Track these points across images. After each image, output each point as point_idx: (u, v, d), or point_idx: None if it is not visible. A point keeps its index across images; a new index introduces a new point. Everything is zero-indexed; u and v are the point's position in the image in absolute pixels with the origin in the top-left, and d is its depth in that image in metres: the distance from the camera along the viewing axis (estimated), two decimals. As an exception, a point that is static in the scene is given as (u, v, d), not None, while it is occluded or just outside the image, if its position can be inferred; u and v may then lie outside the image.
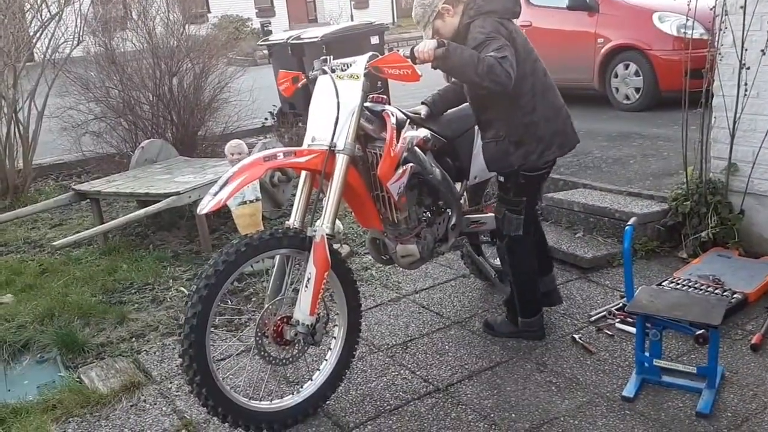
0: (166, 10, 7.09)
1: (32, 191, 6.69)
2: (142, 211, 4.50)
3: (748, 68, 3.75)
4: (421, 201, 3.21)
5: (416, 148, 3.03)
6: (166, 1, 7.14)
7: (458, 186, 3.41)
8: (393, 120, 2.93)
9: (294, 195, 5.74)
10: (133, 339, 3.64)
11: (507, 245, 3.16)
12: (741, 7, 3.70)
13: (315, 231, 2.66)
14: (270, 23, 24.35)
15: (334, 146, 2.74)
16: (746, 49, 3.74)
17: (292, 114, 7.82)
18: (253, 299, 3.98)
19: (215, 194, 2.52)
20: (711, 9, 3.93)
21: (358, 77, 2.80)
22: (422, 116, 3.25)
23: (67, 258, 4.82)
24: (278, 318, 2.70)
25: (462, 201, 3.47)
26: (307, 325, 2.65)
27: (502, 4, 2.94)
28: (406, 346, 3.30)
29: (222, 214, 5.36)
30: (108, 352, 3.51)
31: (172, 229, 5.28)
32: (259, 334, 2.67)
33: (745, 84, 3.77)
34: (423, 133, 3.11)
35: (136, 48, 6.93)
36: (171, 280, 4.35)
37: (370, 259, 4.37)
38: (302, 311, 2.65)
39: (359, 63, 2.83)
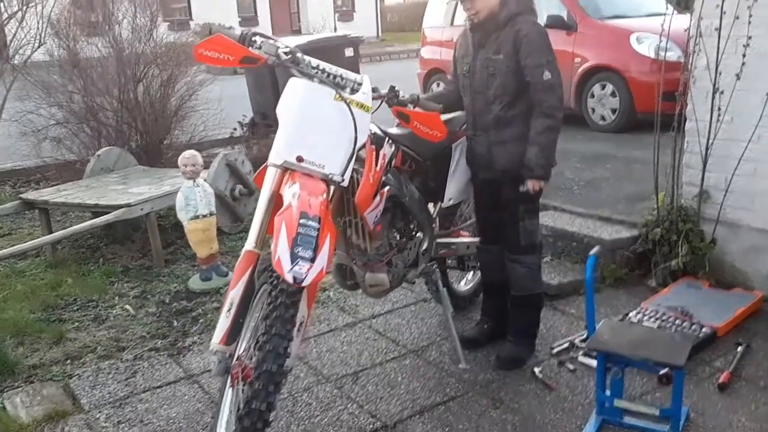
0: (133, 14, 6.87)
1: (-13, 198, 6.42)
2: (87, 224, 4.26)
3: (722, 92, 3.62)
4: (394, 224, 2.99)
5: (394, 169, 2.83)
6: (134, 5, 6.91)
7: (431, 208, 3.22)
8: (372, 139, 2.66)
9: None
10: (68, 361, 3.39)
11: (540, 255, 3.17)
12: (716, 29, 3.58)
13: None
14: (253, 32, 24.21)
15: (342, 180, 2.45)
16: (720, 73, 3.61)
17: (264, 125, 7.62)
18: (200, 320, 3.76)
19: (311, 261, 2.13)
20: (685, 30, 3.81)
21: (369, 109, 2.52)
22: (402, 133, 2.96)
23: (11, 270, 4.57)
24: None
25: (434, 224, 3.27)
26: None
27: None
28: (356, 377, 3.09)
29: (178, 226, 5.14)
30: (39, 375, 3.27)
31: (126, 242, 5.03)
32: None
33: (719, 109, 3.64)
34: (398, 151, 2.88)
35: (101, 53, 6.71)
36: (116, 297, 4.12)
37: (328, 279, 4.17)
38: (294, 356, 2.33)
39: (366, 91, 2.52)
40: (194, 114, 7.00)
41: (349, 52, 7.38)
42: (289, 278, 2.09)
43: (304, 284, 2.11)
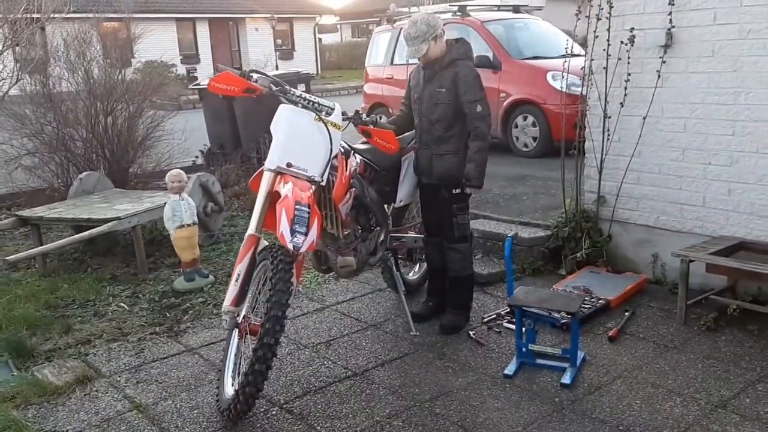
0: (102, 53, 7.51)
1: (-38, 222, 6.84)
2: (86, 233, 4.87)
3: (610, 117, 4.59)
4: (358, 219, 3.78)
5: (358, 175, 3.63)
6: (104, 45, 7.57)
7: (386, 208, 4.02)
8: (342, 151, 3.49)
9: (225, 225, 6.21)
10: (80, 345, 3.99)
11: (470, 244, 3.97)
12: (604, 68, 4.56)
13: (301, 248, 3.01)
14: (196, 69, 24.77)
15: (321, 181, 3.23)
16: (608, 102, 4.59)
17: (221, 154, 8.31)
18: (190, 312, 4.41)
19: (305, 235, 2.88)
20: (581, 69, 4.79)
21: (340, 128, 3.35)
22: (364, 148, 3.83)
23: (8, 279, 5.10)
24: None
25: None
26: None
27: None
28: (329, 344, 3.83)
29: (155, 241, 5.78)
30: (57, 355, 3.86)
31: (108, 255, 5.63)
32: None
33: (608, 130, 4.61)
34: (361, 161, 3.72)
35: (72, 88, 7.29)
36: (111, 297, 4.72)
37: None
38: None
39: (337, 113, 3.36)
40: (159, 144, 7.65)
41: (301, 87, 8.17)
42: (290, 247, 2.86)
43: (301, 251, 2.89)
